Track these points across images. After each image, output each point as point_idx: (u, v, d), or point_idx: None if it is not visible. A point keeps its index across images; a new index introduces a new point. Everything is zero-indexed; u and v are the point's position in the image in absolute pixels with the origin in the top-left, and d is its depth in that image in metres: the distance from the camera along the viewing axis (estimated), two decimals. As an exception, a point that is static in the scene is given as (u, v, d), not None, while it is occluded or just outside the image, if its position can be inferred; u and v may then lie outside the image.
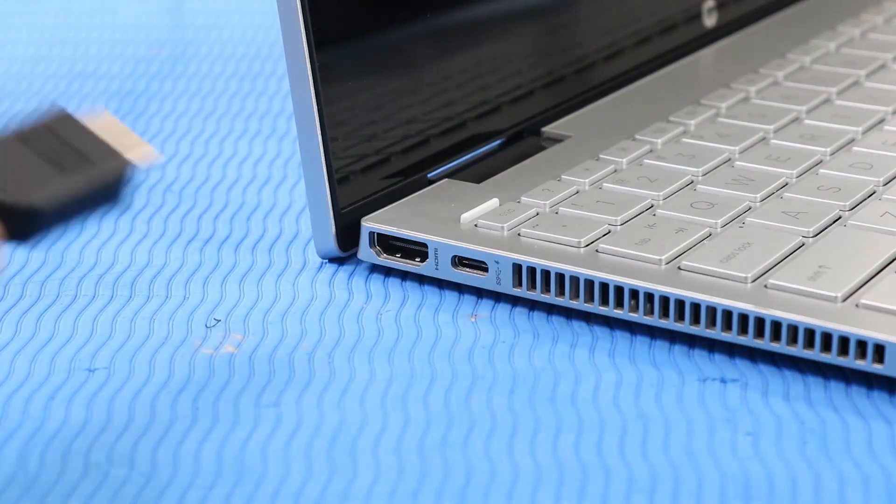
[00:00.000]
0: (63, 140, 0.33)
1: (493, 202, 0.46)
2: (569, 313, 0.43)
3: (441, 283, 0.45)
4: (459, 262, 0.44)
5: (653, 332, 0.42)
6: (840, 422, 0.37)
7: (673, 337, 0.41)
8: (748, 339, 0.40)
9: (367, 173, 0.46)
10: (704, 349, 0.41)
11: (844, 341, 0.38)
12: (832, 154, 0.50)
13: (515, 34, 0.53)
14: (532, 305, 0.43)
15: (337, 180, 0.45)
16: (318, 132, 0.44)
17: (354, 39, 0.47)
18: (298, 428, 0.37)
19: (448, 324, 0.43)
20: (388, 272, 0.46)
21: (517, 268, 0.43)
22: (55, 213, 0.32)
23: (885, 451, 0.36)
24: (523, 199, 0.46)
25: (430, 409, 0.38)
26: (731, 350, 0.41)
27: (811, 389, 0.39)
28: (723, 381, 0.39)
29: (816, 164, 0.49)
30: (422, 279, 0.45)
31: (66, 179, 0.33)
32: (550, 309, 0.43)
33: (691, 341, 0.41)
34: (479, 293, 0.44)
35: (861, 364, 0.38)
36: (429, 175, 0.48)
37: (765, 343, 0.39)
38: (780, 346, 0.39)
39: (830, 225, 0.44)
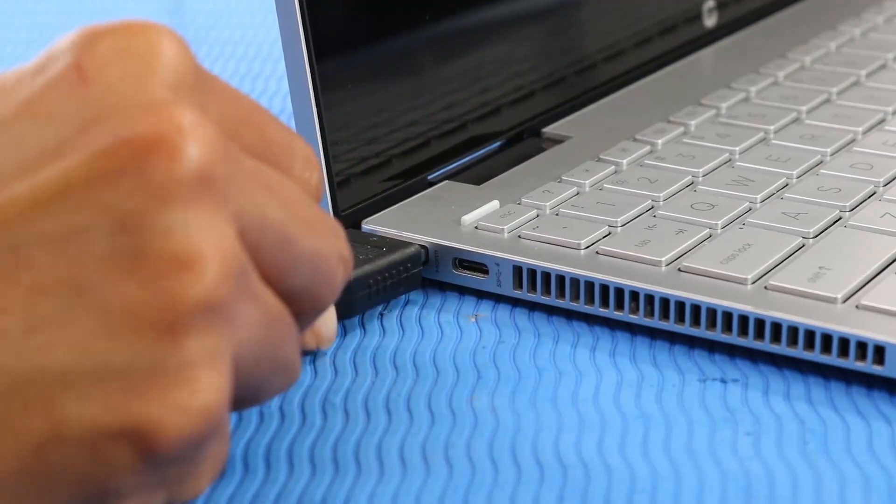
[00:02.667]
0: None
1: (494, 204, 0.46)
2: (569, 313, 0.43)
3: (442, 284, 0.45)
4: (460, 264, 0.44)
5: (653, 332, 0.42)
6: (841, 421, 0.37)
7: (673, 337, 0.41)
8: (748, 341, 0.40)
9: (368, 176, 0.46)
10: (705, 349, 0.41)
11: (844, 343, 0.38)
12: (832, 154, 0.50)
13: (515, 36, 0.53)
14: (532, 305, 0.44)
15: (337, 183, 0.45)
16: (319, 135, 0.44)
17: (354, 42, 0.47)
18: (300, 431, 0.37)
19: (450, 324, 0.43)
20: (389, 273, 0.46)
21: (517, 270, 0.43)
22: (365, 287, 0.41)
23: (886, 450, 0.36)
24: (524, 200, 0.46)
25: (433, 409, 0.38)
26: (732, 350, 0.41)
27: (812, 389, 0.39)
28: (723, 380, 0.39)
29: (817, 165, 0.49)
30: (423, 280, 0.45)
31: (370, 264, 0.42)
32: (551, 309, 0.43)
33: (692, 341, 0.41)
34: (480, 294, 0.44)
35: (861, 365, 0.38)
36: (429, 177, 0.48)
37: (765, 344, 0.39)
38: (781, 348, 0.39)
39: (831, 226, 0.44)
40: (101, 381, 0.26)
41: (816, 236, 0.44)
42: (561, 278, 0.42)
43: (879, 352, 0.38)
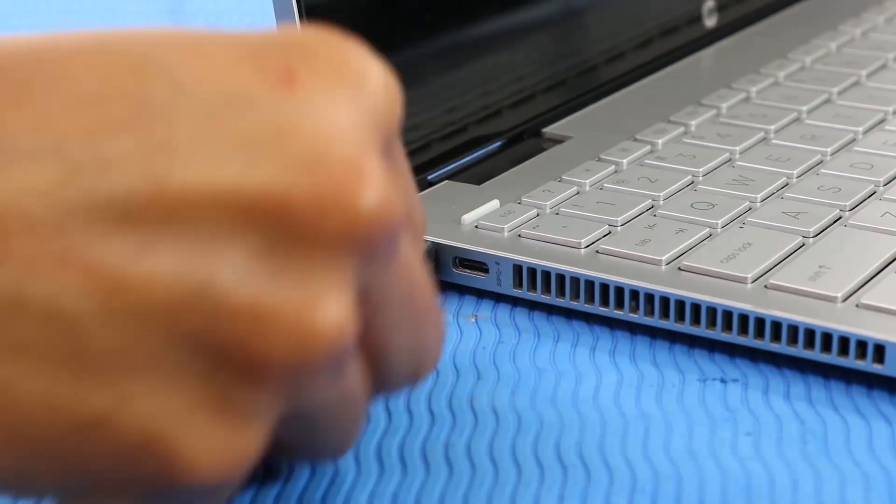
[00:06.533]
0: None
1: (494, 203, 0.46)
2: (569, 312, 0.43)
3: (443, 283, 0.45)
4: (460, 263, 0.44)
5: (653, 332, 0.42)
6: (841, 421, 0.37)
7: (673, 336, 0.42)
8: (748, 340, 0.40)
9: (369, 175, 0.46)
10: (705, 348, 0.41)
11: (844, 341, 0.38)
12: (833, 154, 0.50)
13: (515, 36, 0.53)
14: (532, 305, 0.44)
15: (338, 182, 0.45)
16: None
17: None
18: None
19: (450, 324, 0.43)
20: (389, 273, 0.46)
21: (517, 269, 0.43)
22: None
23: (886, 450, 0.36)
24: (524, 199, 0.46)
25: (433, 409, 0.38)
26: (732, 349, 0.41)
27: (812, 389, 0.39)
28: (723, 380, 0.39)
29: (817, 165, 0.49)
30: (425, 279, 0.45)
31: None
32: (551, 309, 0.43)
33: (691, 340, 0.41)
34: (480, 293, 0.44)
35: (861, 364, 0.38)
36: (429, 177, 0.48)
37: (765, 343, 0.39)
38: (781, 347, 0.39)
39: (831, 225, 0.44)
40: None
41: (816, 235, 0.44)
42: (561, 277, 0.42)
43: (879, 350, 0.38)
